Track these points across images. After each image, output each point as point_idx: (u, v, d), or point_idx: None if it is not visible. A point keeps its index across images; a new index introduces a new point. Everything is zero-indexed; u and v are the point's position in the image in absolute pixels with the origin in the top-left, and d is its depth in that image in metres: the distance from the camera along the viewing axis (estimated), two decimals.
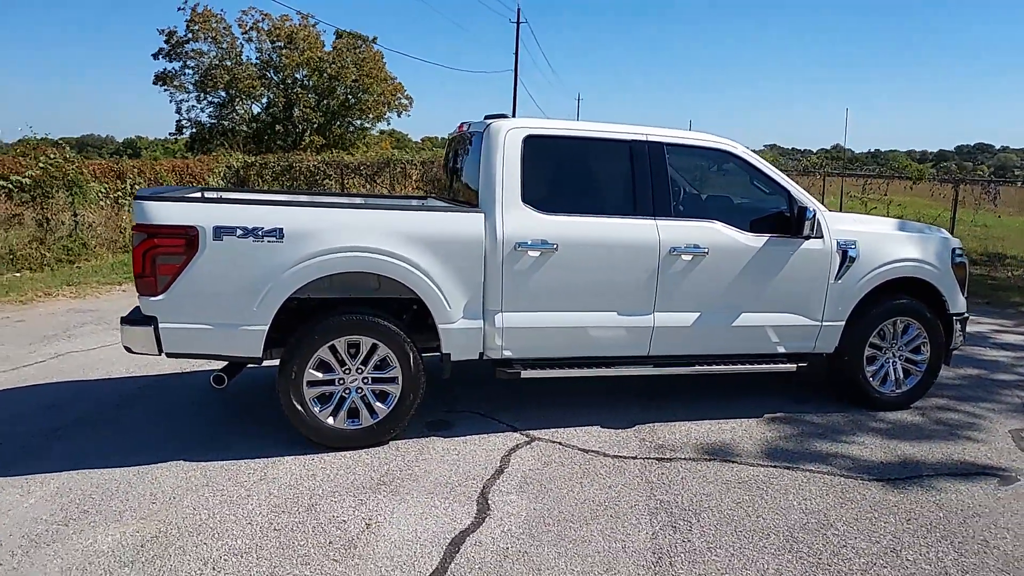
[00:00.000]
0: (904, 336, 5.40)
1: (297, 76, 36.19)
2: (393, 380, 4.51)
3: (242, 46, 35.91)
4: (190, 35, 34.90)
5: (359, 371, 4.47)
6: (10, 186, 12.05)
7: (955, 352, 5.67)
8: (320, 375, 4.41)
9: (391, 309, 4.64)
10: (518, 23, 40.79)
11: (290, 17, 35.71)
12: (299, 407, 4.36)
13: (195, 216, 4.12)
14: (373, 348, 4.46)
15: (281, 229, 4.20)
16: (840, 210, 16.55)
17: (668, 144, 4.95)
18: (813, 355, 5.26)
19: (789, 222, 5.01)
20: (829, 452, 4.63)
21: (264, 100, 36.65)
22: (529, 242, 4.56)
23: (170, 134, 39.18)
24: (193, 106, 36.80)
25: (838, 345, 5.26)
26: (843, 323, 5.20)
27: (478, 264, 4.53)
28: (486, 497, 3.88)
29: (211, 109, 36.81)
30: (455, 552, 3.33)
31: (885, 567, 3.32)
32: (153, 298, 4.13)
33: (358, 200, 5.86)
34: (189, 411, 5.16)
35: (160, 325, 4.16)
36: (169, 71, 35.91)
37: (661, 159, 4.90)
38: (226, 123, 36.33)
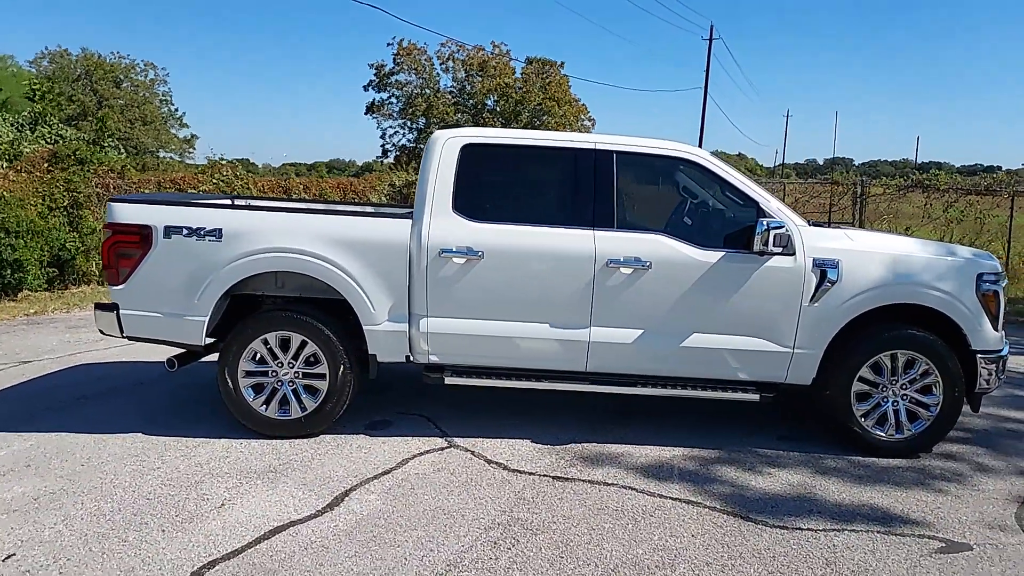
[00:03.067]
0: (908, 373, 4.60)
1: (487, 102, 38.14)
2: (322, 376, 4.73)
3: (439, 75, 38.70)
4: (396, 67, 38.31)
5: (291, 365, 4.75)
6: None
7: (984, 396, 4.70)
8: (254, 366, 4.75)
9: (338, 311, 4.86)
10: (710, 40, 39.64)
11: (483, 48, 37.86)
12: (233, 393, 4.72)
13: (150, 217, 4.67)
14: (303, 344, 4.71)
15: (220, 230, 4.62)
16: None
17: (618, 152, 4.70)
18: (786, 386, 4.67)
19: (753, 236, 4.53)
20: (754, 491, 4.09)
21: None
22: (454, 249, 4.57)
23: (376, 158, 43.12)
24: (397, 132, 40.30)
25: (816, 377, 4.62)
26: (820, 352, 4.56)
27: (402, 269, 4.62)
28: (348, 494, 3.95)
29: (412, 135, 40.02)
30: (267, 538, 3.45)
31: None
32: (116, 287, 4.73)
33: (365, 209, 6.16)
34: (188, 392, 5.76)
35: (121, 311, 4.74)
36: (377, 101, 39.65)
37: (608, 168, 4.67)
38: (422, 147, 39.23)
